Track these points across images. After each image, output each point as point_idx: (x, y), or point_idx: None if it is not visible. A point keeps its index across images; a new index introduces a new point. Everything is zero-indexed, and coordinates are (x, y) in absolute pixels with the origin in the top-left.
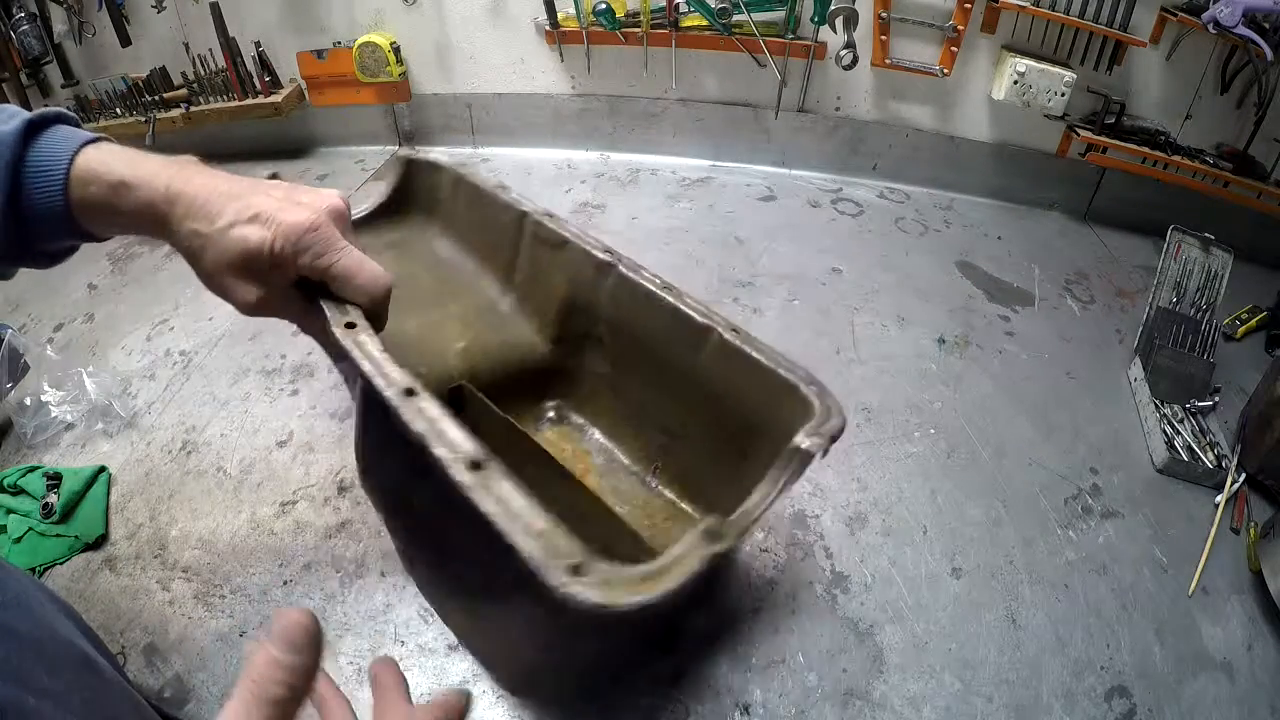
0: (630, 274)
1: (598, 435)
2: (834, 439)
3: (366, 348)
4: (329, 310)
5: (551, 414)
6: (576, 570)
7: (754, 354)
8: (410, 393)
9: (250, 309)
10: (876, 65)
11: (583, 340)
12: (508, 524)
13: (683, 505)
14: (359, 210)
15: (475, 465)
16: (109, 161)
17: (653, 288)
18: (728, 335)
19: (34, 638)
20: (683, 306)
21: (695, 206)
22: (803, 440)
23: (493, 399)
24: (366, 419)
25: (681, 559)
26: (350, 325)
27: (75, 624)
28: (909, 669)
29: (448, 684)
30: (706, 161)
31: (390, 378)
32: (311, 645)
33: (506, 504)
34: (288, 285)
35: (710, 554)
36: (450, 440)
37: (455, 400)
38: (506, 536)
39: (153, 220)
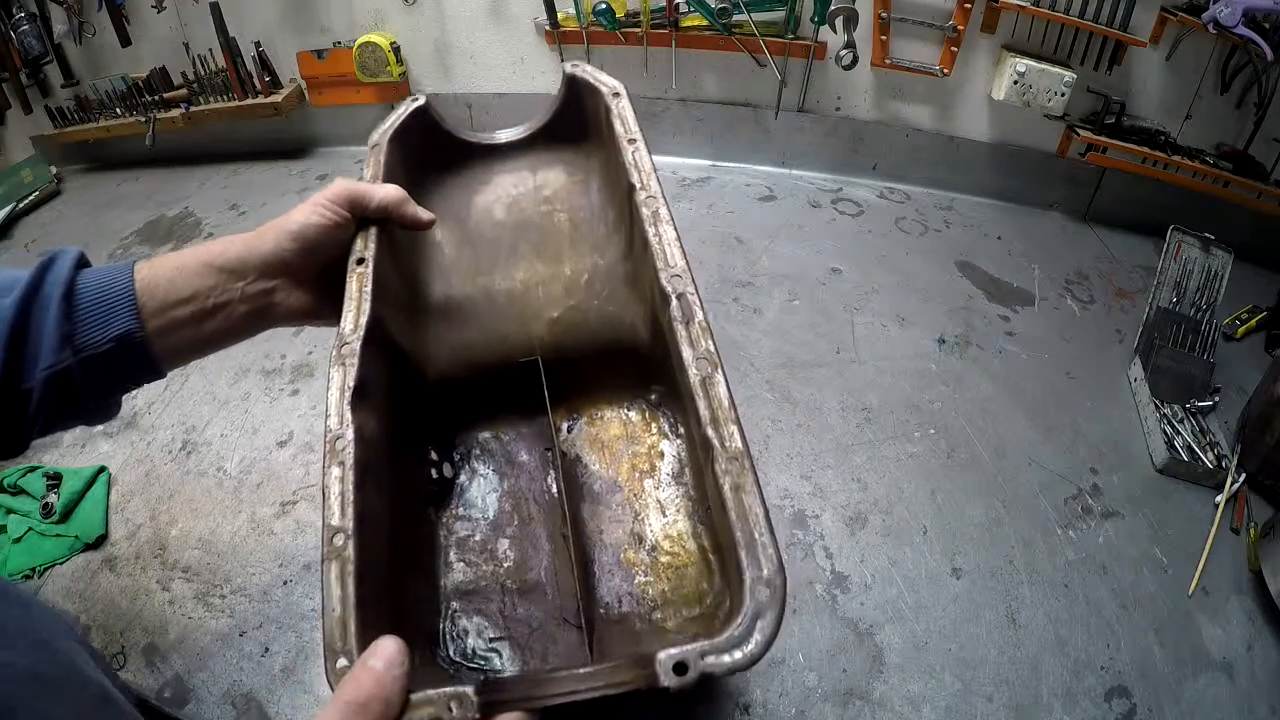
0: (678, 325)
1: (682, 443)
2: (708, 677)
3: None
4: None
5: (653, 398)
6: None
7: (729, 510)
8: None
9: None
10: (876, 65)
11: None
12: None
13: (712, 557)
14: (517, 131)
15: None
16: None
17: (686, 351)
18: (718, 466)
19: (60, 680)
20: (697, 398)
21: (695, 206)
22: (667, 659)
23: (581, 374)
24: None
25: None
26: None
27: (90, 655)
28: (909, 669)
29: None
30: (706, 161)
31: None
32: (405, 666)
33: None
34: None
35: None
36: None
37: (527, 371)
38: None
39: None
